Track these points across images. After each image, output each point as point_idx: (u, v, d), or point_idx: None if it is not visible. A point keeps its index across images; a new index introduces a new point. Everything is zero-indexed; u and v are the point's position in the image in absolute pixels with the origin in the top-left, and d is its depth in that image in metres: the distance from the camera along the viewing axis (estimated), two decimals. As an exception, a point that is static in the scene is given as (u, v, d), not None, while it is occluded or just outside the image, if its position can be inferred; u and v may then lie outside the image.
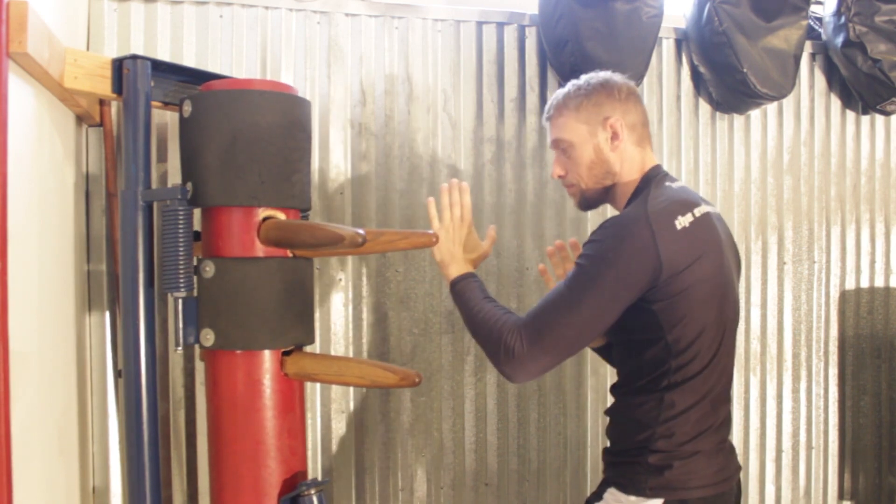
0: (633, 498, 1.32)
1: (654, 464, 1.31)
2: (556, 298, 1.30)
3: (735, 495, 1.40)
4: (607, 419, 1.46)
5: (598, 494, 1.41)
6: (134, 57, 1.47)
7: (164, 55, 1.84)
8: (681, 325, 1.27)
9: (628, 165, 1.41)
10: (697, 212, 1.31)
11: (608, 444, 1.44)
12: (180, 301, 1.39)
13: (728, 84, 2.19)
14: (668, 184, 1.38)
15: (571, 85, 1.46)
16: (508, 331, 1.31)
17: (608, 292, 1.26)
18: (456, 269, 1.52)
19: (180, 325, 1.40)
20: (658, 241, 1.24)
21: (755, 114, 2.37)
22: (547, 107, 1.49)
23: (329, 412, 2.00)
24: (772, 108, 2.38)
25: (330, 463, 2.00)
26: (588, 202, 1.48)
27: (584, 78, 1.46)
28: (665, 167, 2.24)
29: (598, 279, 1.26)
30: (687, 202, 1.32)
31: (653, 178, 1.40)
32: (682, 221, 1.28)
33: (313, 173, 1.96)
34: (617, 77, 1.45)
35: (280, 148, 1.41)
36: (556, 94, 1.48)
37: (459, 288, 1.48)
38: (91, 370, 1.78)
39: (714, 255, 1.31)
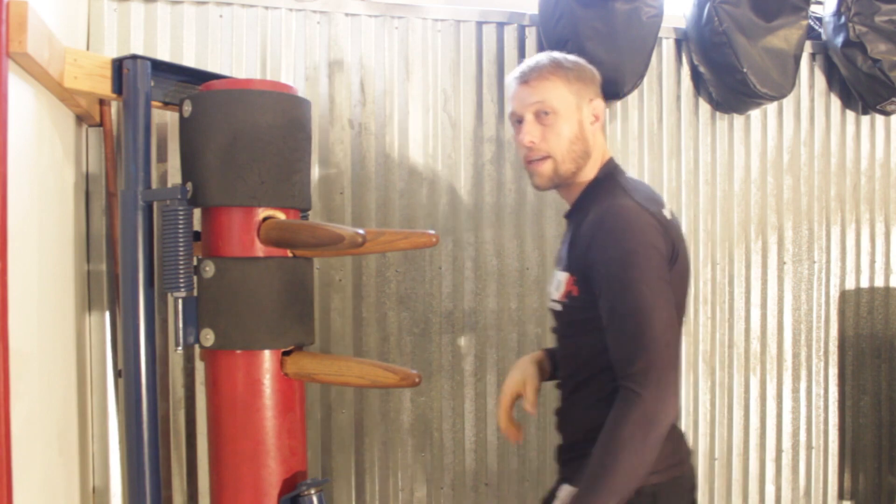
0: None
1: None
2: (622, 324, 1.19)
3: (690, 479, 1.36)
4: (558, 418, 1.43)
5: (552, 494, 1.37)
6: (134, 57, 1.47)
7: (164, 55, 1.84)
8: None
9: (597, 152, 1.38)
10: (666, 205, 1.35)
11: (560, 443, 1.41)
12: (180, 301, 1.39)
13: (728, 84, 2.19)
14: (629, 176, 1.39)
15: (549, 57, 1.37)
16: (628, 407, 1.16)
17: (658, 279, 1.20)
18: None
19: (180, 325, 1.40)
20: (664, 229, 1.26)
21: (755, 114, 2.37)
22: (524, 69, 1.37)
23: (329, 412, 2.00)
24: (772, 108, 2.37)
25: (330, 463, 2.00)
26: (557, 178, 1.37)
27: (558, 54, 1.38)
28: (665, 167, 2.27)
29: (643, 274, 1.19)
30: (657, 196, 1.36)
31: (613, 168, 1.39)
32: (666, 213, 1.31)
33: (313, 173, 1.96)
34: None
35: (280, 148, 1.41)
36: (535, 60, 1.38)
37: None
38: (91, 370, 1.78)
39: (685, 246, 1.34)
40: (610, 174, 1.37)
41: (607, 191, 1.33)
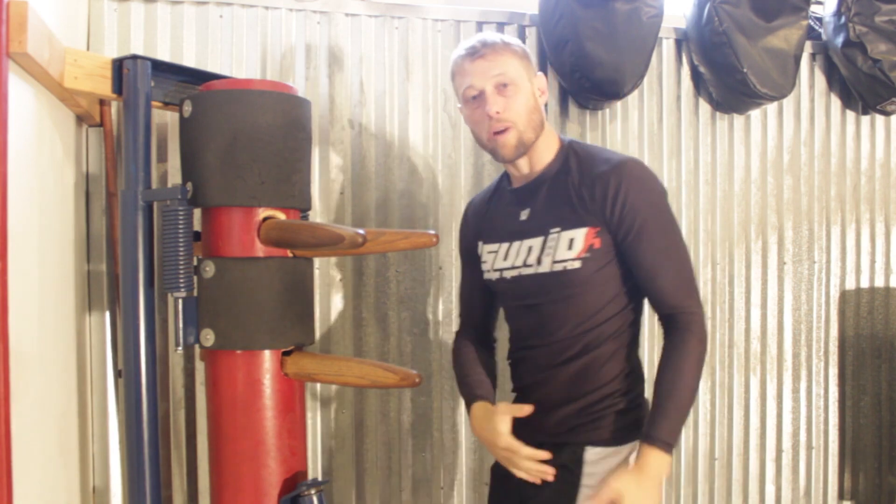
0: (623, 447, 1.36)
1: (631, 406, 1.39)
2: (676, 257, 1.36)
3: None
4: (550, 394, 1.39)
5: (574, 460, 1.35)
6: (134, 57, 1.47)
7: (164, 55, 1.84)
8: None
9: (547, 123, 1.45)
10: None
11: (566, 406, 1.37)
12: (180, 301, 1.39)
13: (728, 84, 2.19)
14: None
15: (495, 35, 1.43)
16: (692, 333, 1.35)
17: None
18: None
19: (180, 325, 1.40)
20: None
21: (755, 114, 2.37)
22: (475, 46, 1.39)
23: (329, 412, 2.00)
24: (772, 108, 2.37)
25: (330, 463, 2.00)
26: (522, 147, 1.39)
27: (495, 34, 1.47)
28: (665, 167, 2.27)
29: (673, 215, 1.39)
30: None
31: (568, 138, 1.48)
32: None
33: (313, 173, 1.96)
34: None
35: (280, 148, 1.41)
36: (482, 38, 1.41)
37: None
38: (91, 370, 1.78)
39: None
40: (576, 140, 1.47)
41: (596, 150, 1.44)
